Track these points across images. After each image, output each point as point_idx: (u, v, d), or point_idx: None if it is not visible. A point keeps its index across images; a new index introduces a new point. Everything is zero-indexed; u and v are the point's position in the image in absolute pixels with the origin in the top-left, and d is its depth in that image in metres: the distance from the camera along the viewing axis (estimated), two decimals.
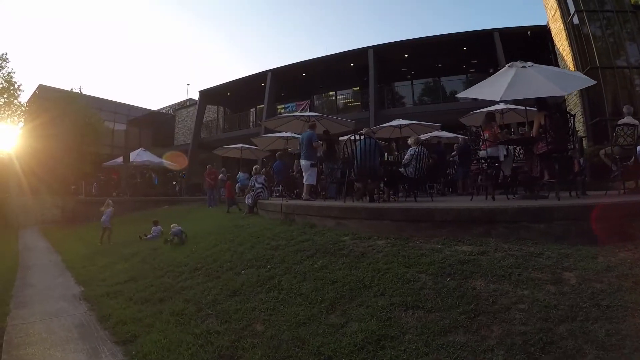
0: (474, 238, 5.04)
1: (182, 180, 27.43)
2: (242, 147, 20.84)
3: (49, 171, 24.67)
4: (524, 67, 7.09)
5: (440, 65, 26.61)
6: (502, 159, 8.53)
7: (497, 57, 20.50)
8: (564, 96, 17.16)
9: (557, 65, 18.48)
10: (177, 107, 40.27)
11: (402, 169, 8.65)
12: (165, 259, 8.31)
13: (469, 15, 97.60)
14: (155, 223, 13.10)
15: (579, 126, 16.00)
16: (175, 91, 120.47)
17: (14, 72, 24.41)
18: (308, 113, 15.07)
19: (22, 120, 25.54)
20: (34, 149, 24.15)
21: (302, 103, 28.67)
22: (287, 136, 16.96)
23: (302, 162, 10.45)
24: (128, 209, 21.37)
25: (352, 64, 26.61)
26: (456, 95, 10.86)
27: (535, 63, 7.34)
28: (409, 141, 9.14)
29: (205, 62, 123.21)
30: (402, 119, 15.71)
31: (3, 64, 23.72)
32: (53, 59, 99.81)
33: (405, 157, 8.76)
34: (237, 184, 18.81)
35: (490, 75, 19.88)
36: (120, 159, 25.45)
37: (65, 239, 16.51)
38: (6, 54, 23.95)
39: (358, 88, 29.19)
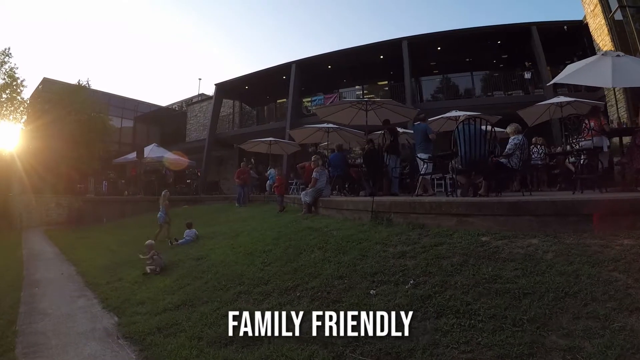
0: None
1: (198, 178, 25.12)
2: (271, 140, 19.14)
3: (53, 169, 23.47)
4: (618, 56, 7.16)
5: (469, 60, 25.07)
6: (605, 149, 8.33)
7: (535, 51, 19.83)
8: None
9: None
10: (188, 103, 38.86)
11: (504, 160, 7.75)
12: (226, 272, 6.36)
13: (492, 9, 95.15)
14: (189, 226, 11.16)
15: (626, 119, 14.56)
16: (186, 86, 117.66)
17: (17, 68, 23.66)
18: (365, 99, 13.92)
19: (25, 116, 24.68)
20: (38, 145, 22.81)
21: (330, 96, 26.33)
22: (329, 127, 15.28)
23: (420, 155, 9.58)
24: (144, 209, 19.47)
25: (381, 56, 24.96)
26: (554, 81, 9.94)
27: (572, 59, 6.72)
28: (508, 130, 8.28)
29: (217, 56, 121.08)
30: (459, 110, 14.62)
31: (5, 59, 23.12)
32: (59, 54, 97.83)
33: (508, 146, 7.88)
34: (268, 182, 17.64)
35: (524, 71, 19.41)
36: (132, 155, 24.05)
37: (75, 243, 14.21)
38: (9, 48, 23.23)
39: (386, 82, 27.51)
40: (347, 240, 6.00)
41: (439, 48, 23.97)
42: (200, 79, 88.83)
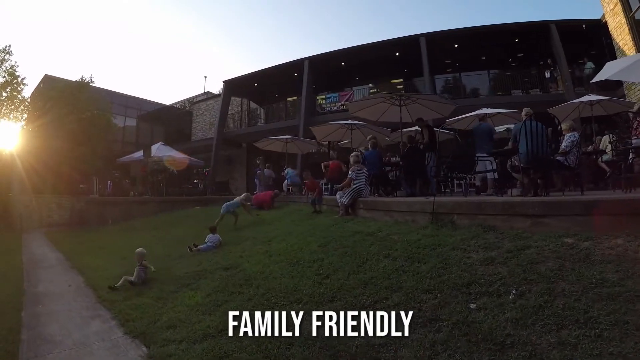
0: None
1: (206, 178, 23.98)
2: (287, 138, 18.22)
3: (54, 168, 22.42)
4: None
5: (484, 58, 24.30)
6: None
7: (555, 50, 19.30)
8: None
9: None
10: (193, 101, 37.94)
11: (560, 158, 7.47)
12: (272, 286, 5.52)
13: (504, 7, 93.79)
14: (213, 230, 10.20)
15: None
16: (190, 85, 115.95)
17: (18, 66, 22.88)
18: (403, 93, 12.84)
19: (26, 114, 23.82)
20: (38, 144, 21.89)
21: (345, 93, 25.66)
22: (353, 124, 14.53)
23: (482, 154, 9.24)
24: (152, 211, 18.84)
25: (397, 53, 24.06)
26: (596, 79, 9.06)
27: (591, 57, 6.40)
28: (564, 126, 8.12)
29: (220, 54, 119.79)
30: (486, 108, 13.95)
31: (6, 57, 22.24)
32: (60, 53, 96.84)
33: (564, 143, 7.69)
34: (286, 181, 17.13)
35: (543, 69, 18.90)
36: (138, 154, 23.03)
37: (80, 248, 12.94)
38: (9, 46, 22.38)
39: (400, 79, 26.49)
40: (416, 246, 5.38)
41: (455, 45, 23.18)
42: (205, 77, 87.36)
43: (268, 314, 4.09)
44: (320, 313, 4.06)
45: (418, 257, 5.01)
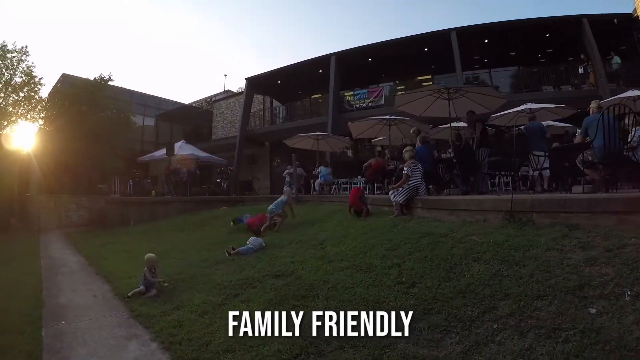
0: None
1: (229, 177, 23.07)
2: (319, 135, 17.40)
3: (72, 168, 22.53)
4: None
5: (513, 53, 23.70)
6: None
7: (587, 45, 18.70)
8: None
9: None
10: (214, 99, 37.50)
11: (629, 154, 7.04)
12: (344, 297, 4.88)
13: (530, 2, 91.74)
14: (257, 233, 9.19)
15: None
16: (209, 83, 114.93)
17: (34, 66, 22.94)
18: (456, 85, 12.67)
19: (43, 114, 23.71)
20: (56, 143, 21.65)
21: (374, 89, 24.71)
22: (392, 119, 13.91)
23: (537, 152, 9.01)
24: (176, 212, 17.96)
25: (425, 49, 23.29)
26: None
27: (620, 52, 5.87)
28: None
29: (242, 51, 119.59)
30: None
31: (23, 57, 22.28)
32: (78, 51, 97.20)
33: (634, 138, 7.18)
34: (318, 180, 16.16)
35: (572, 65, 19.57)
36: (159, 152, 22.52)
37: (103, 250, 11.89)
38: (26, 46, 22.39)
39: (429, 76, 25.57)
40: (505, 247, 4.88)
41: (486, 41, 22.48)
42: (225, 75, 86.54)
43: None
44: (428, 323, 3.77)
45: (512, 259, 4.51)
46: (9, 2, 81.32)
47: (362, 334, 3.86)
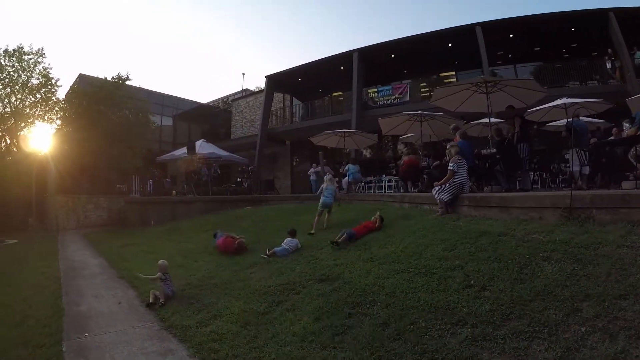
0: None
1: (251, 176, 22.47)
2: (345, 132, 16.64)
3: (91, 167, 22.13)
4: None
5: (538, 48, 22.78)
6: None
7: (614, 39, 17.87)
8: None
9: None
10: (232, 98, 36.77)
11: None
12: (406, 303, 4.49)
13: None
14: (292, 234, 8.56)
15: None
16: (227, 83, 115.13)
17: (51, 68, 23.20)
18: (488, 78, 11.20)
19: (61, 114, 23.75)
20: (75, 143, 21.61)
21: (399, 86, 23.74)
22: (424, 115, 13.23)
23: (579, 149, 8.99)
24: (198, 211, 17.38)
25: (450, 44, 22.56)
26: None
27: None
28: None
29: (260, 50, 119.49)
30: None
31: (39, 59, 22.58)
32: (95, 52, 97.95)
33: None
34: (346, 178, 15.50)
35: (598, 59, 19.06)
36: (179, 151, 22.11)
37: (124, 252, 11.26)
38: (42, 49, 22.70)
39: (453, 72, 24.87)
40: (573, 246, 4.60)
41: (511, 35, 21.66)
42: (244, 74, 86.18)
43: (422, 338, 3.57)
44: (508, 330, 3.49)
45: (585, 258, 4.26)
46: (27, 5, 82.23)
47: (442, 344, 3.50)
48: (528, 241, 5.07)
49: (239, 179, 23.44)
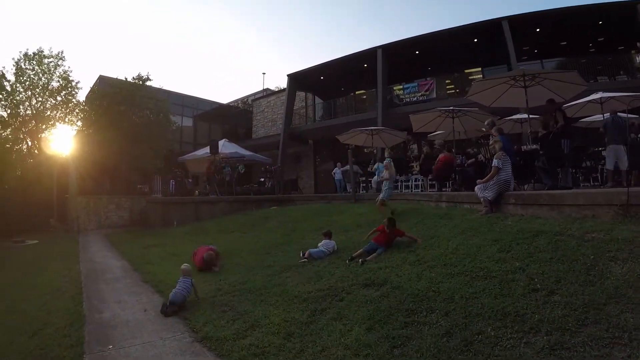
0: None
1: (274, 176, 22.02)
2: (373, 130, 16.14)
3: (112, 168, 22.37)
4: None
5: (564, 43, 22.28)
6: None
7: None
8: None
9: None
10: (253, 98, 36.54)
11: None
12: (471, 310, 4.02)
13: None
14: (328, 235, 7.94)
15: None
16: (246, 83, 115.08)
17: (71, 70, 23.88)
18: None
19: (81, 115, 23.92)
20: (96, 144, 21.67)
21: (425, 82, 23.30)
22: (457, 110, 12.74)
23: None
24: (222, 212, 17.00)
25: (475, 40, 22.11)
26: None
27: None
28: None
29: (280, 48, 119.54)
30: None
31: (59, 62, 23.01)
32: (115, 55, 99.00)
33: None
34: (375, 177, 14.94)
35: (625, 54, 19.06)
36: (201, 151, 21.94)
37: (147, 253, 10.78)
38: (62, 52, 23.14)
39: (479, 68, 24.36)
40: (638, 244, 4.25)
41: (537, 30, 21.14)
42: (264, 74, 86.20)
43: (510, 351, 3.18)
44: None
45: None
46: (47, 9, 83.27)
47: (516, 355, 3.14)
48: (588, 240, 4.74)
49: (261, 179, 22.98)
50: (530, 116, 11.12)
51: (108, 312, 5.76)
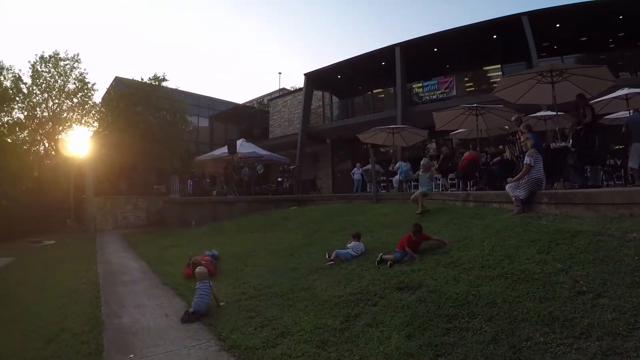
0: None
1: (292, 176, 21.80)
2: (393, 128, 15.99)
3: (129, 169, 22.47)
4: None
5: (584, 38, 21.70)
6: None
7: None
8: None
9: None
10: (269, 98, 36.18)
11: None
12: (511, 314, 3.76)
13: None
14: (357, 237, 7.47)
15: None
16: (262, 83, 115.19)
17: (87, 73, 24.64)
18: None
19: (98, 116, 24.43)
20: (112, 145, 21.72)
21: (445, 80, 22.77)
22: (481, 107, 12.31)
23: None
24: (241, 212, 16.72)
25: (494, 36, 21.63)
26: None
27: None
28: None
29: (297, 48, 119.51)
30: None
31: (75, 65, 23.67)
32: (130, 56, 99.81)
33: None
34: (397, 177, 14.81)
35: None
36: (219, 151, 21.84)
37: (166, 255, 10.52)
38: (78, 54, 23.87)
39: (498, 65, 23.81)
40: None
41: (557, 25, 20.57)
42: (280, 73, 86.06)
43: None
44: None
45: None
46: (63, 12, 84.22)
47: None
48: (630, 241, 4.50)
49: (279, 179, 22.73)
50: (560, 112, 10.82)
51: (127, 317, 5.49)
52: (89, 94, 24.19)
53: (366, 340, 3.87)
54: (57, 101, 23.46)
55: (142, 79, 24.37)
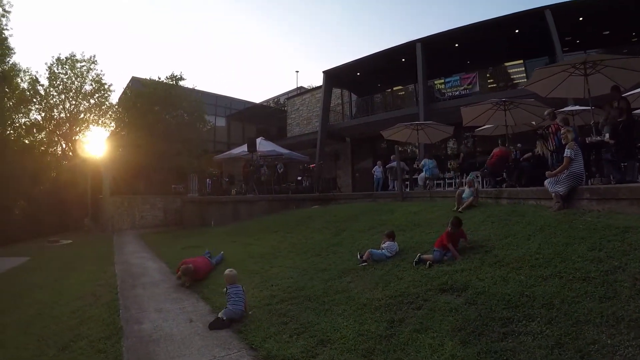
0: None
1: (312, 174, 21.38)
2: (418, 125, 15.33)
3: (146, 169, 22.70)
4: None
5: (607, 32, 21.03)
6: None
7: None
8: None
9: None
10: (287, 97, 36.02)
11: None
12: (571, 316, 3.52)
13: None
14: (391, 236, 6.99)
15: None
16: (278, 82, 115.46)
17: (104, 74, 25.41)
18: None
19: (115, 116, 24.77)
20: (130, 144, 22.13)
21: (467, 76, 22.20)
22: (509, 101, 12.06)
23: None
24: (261, 211, 16.27)
25: (516, 31, 21.11)
26: None
27: None
28: None
29: (313, 46, 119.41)
30: None
31: (92, 66, 24.06)
32: (146, 57, 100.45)
33: None
34: (422, 174, 14.38)
35: None
36: (237, 150, 21.34)
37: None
38: (94, 56, 24.20)
39: (521, 60, 22.84)
40: None
41: (580, 19, 19.91)
42: (297, 72, 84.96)
43: None
44: None
45: None
46: (80, 13, 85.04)
47: None
48: None
49: (299, 177, 22.32)
50: (586, 107, 10.39)
51: (148, 322, 5.05)
52: (106, 95, 24.47)
53: (417, 347, 3.46)
54: (74, 102, 23.71)
55: (160, 79, 24.45)
